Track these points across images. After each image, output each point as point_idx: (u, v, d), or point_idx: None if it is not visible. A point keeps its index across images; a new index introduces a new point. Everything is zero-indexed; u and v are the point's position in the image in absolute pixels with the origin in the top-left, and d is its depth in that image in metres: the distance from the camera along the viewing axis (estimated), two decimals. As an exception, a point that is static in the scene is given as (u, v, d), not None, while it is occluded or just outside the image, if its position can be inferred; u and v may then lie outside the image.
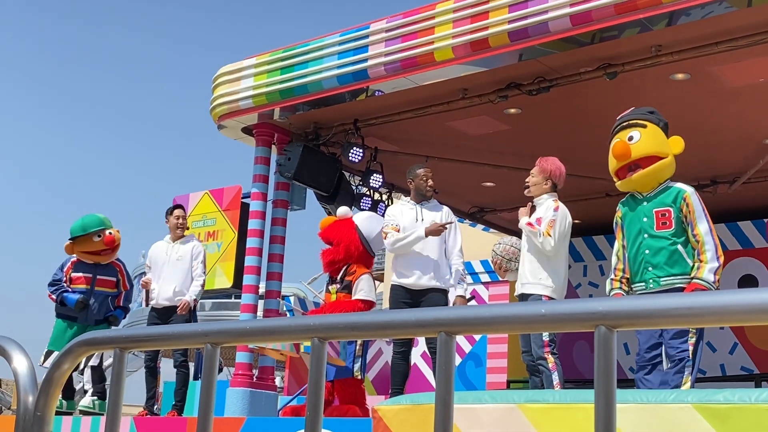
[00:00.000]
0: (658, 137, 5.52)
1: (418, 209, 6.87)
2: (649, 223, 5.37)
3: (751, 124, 7.98)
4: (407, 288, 6.65)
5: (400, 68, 7.47)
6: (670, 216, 5.29)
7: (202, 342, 1.58)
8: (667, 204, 5.35)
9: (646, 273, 5.35)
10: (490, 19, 6.88)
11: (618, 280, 5.55)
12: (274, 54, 8.42)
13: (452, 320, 1.31)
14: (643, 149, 5.45)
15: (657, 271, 5.29)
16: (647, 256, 5.34)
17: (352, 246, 6.74)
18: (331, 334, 1.46)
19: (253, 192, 8.94)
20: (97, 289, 7.93)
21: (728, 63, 6.79)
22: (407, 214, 6.83)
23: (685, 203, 5.29)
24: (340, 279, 6.73)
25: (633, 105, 7.76)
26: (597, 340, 1.19)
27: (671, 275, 5.24)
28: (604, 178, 9.66)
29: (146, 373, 7.80)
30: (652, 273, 5.31)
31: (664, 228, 5.32)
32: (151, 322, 7.82)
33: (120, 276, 8.09)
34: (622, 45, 6.67)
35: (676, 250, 5.25)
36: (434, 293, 6.59)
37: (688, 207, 5.27)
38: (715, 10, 6.05)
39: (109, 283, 7.99)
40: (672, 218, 5.27)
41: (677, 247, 5.25)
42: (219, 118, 8.84)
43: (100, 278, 8.00)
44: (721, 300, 1.13)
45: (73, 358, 1.79)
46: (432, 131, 8.66)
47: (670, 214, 5.30)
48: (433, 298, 6.55)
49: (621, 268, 5.57)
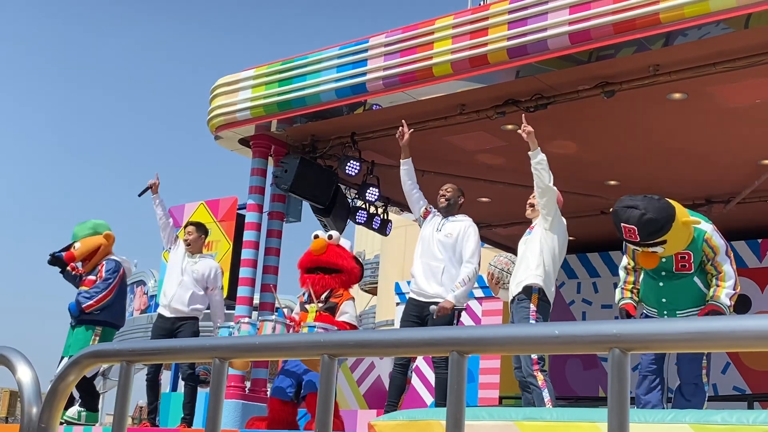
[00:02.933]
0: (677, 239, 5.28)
1: (439, 221, 6.87)
2: (668, 264, 5.30)
3: (747, 145, 8.03)
4: (414, 300, 6.64)
5: (398, 83, 7.49)
6: (690, 259, 5.24)
7: (209, 357, 1.58)
8: (687, 248, 5.28)
9: (662, 306, 5.38)
10: (489, 35, 6.91)
11: (629, 290, 5.55)
12: (272, 66, 8.43)
13: (464, 340, 1.31)
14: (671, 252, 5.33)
15: (673, 306, 5.33)
16: (664, 292, 5.36)
17: (353, 276, 6.82)
18: (341, 351, 1.46)
19: (248, 203, 8.94)
20: (81, 289, 7.89)
21: (725, 84, 6.83)
22: (430, 222, 6.86)
23: (709, 246, 5.24)
24: (325, 299, 6.64)
25: (630, 124, 7.83)
26: (611, 362, 1.20)
27: (688, 308, 5.30)
28: (599, 196, 9.72)
29: (147, 386, 7.73)
30: (667, 305, 5.35)
31: (684, 270, 5.29)
32: (156, 329, 7.70)
33: (99, 273, 7.96)
34: (620, 64, 6.71)
35: (694, 284, 5.29)
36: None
37: (712, 250, 5.24)
38: (712, 31, 6.09)
39: (90, 282, 7.92)
40: (692, 261, 5.23)
41: (694, 280, 5.29)
42: (216, 129, 8.84)
43: (86, 279, 7.97)
44: (734, 325, 1.14)
45: (79, 370, 1.79)
46: (429, 146, 8.67)
47: (690, 257, 5.24)
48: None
49: (632, 281, 5.57)
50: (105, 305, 7.85)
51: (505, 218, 10.98)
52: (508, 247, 12.12)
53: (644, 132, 7.97)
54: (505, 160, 8.92)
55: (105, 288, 7.85)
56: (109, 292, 7.87)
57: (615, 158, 8.68)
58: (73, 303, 7.73)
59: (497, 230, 11.43)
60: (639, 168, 8.89)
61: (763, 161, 8.38)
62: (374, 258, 21.40)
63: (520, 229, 11.26)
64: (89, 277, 7.94)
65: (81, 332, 7.81)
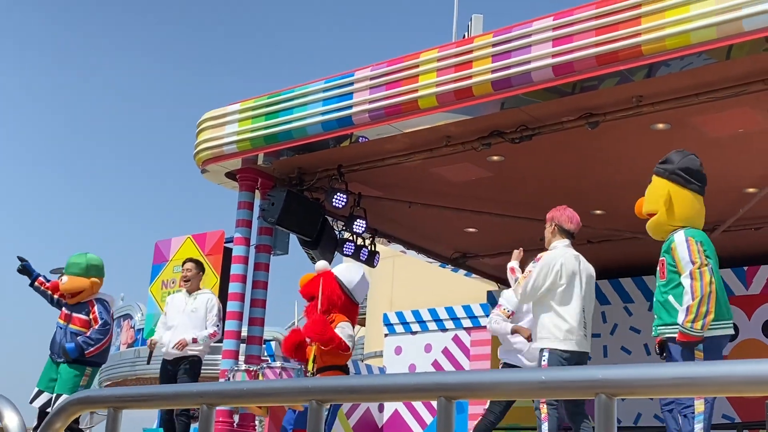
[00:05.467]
0: (655, 192, 5.50)
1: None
2: (657, 273, 5.41)
3: (732, 174, 8.09)
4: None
5: (384, 115, 7.53)
6: (664, 267, 5.30)
7: (198, 403, 1.57)
8: (663, 254, 5.36)
9: (654, 321, 5.40)
10: (473, 68, 6.97)
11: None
12: (258, 100, 8.46)
13: (452, 385, 1.32)
14: (644, 207, 5.50)
15: (657, 320, 5.34)
16: (654, 304, 5.40)
17: (334, 295, 6.73)
18: (329, 396, 1.46)
19: (236, 237, 8.93)
20: (72, 327, 7.94)
21: (708, 114, 6.90)
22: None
23: (671, 257, 5.28)
24: None
25: (614, 154, 7.89)
26: (597, 407, 1.21)
27: (664, 324, 5.27)
28: (585, 225, 9.74)
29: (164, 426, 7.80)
30: (655, 321, 5.37)
31: (662, 278, 5.35)
32: (164, 370, 7.89)
33: (91, 314, 8.04)
34: (604, 95, 6.77)
35: (667, 300, 5.25)
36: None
37: (676, 256, 5.25)
38: (694, 62, 6.16)
39: (82, 322, 8.00)
40: (665, 269, 5.27)
41: (668, 297, 5.26)
42: (203, 162, 8.85)
43: (75, 316, 8.01)
44: (719, 371, 1.14)
45: (66, 417, 1.78)
46: (416, 177, 8.71)
47: (664, 264, 5.30)
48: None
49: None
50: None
51: (492, 248, 11.00)
52: (496, 277, 12.15)
53: (629, 162, 8.03)
54: (491, 190, 8.96)
55: (105, 334, 7.99)
56: (108, 338, 8.03)
57: (600, 188, 8.73)
58: (73, 346, 7.75)
59: (484, 260, 11.45)
60: (625, 197, 8.91)
61: (747, 189, 8.45)
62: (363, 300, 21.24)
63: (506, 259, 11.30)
64: (79, 315, 7.99)
65: (71, 371, 7.83)
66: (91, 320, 7.97)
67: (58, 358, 7.85)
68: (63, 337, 7.87)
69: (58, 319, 8.08)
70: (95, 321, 7.96)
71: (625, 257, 10.70)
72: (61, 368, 7.81)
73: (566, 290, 5.89)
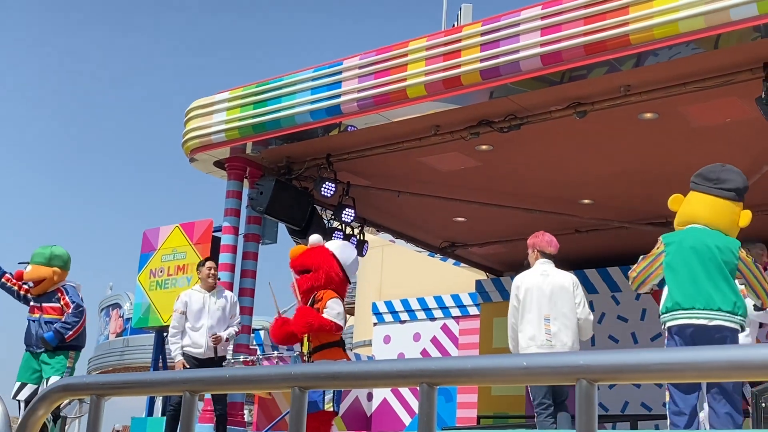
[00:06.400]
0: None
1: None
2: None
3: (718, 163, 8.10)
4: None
5: (372, 104, 7.52)
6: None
7: (180, 390, 1.57)
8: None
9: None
10: (462, 57, 6.96)
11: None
12: (247, 88, 8.43)
13: (434, 371, 1.32)
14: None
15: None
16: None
17: (332, 272, 6.59)
18: (312, 383, 1.46)
19: (224, 226, 8.91)
20: (46, 317, 7.98)
21: (695, 103, 6.91)
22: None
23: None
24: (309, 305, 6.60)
25: (602, 144, 7.90)
26: (578, 393, 1.21)
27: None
28: (573, 215, 9.79)
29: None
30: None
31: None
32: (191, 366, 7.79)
33: (62, 300, 8.11)
34: (592, 85, 6.78)
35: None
36: None
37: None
38: (682, 51, 6.17)
39: (54, 309, 8.06)
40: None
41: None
42: (191, 151, 8.82)
43: (45, 306, 8.05)
44: (700, 356, 1.15)
45: (48, 404, 1.77)
46: (404, 167, 8.70)
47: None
48: None
49: None
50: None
51: (480, 238, 11.03)
52: (485, 266, 12.18)
53: (617, 151, 8.04)
54: (479, 179, 8.97)
55: (80, 316, 8.02)
56: (84, 320, 8.05)
57: (588, 178, 8.75)
58: (51, 334, 7.79)
59: (473, 249, 11.47)
60: (612, 187, 8.97)
61: (734, 179, 8.47)
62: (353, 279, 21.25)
63: (495, 248, 11.36)
64: (50, 304, 8.05)
65: (55, 357, 7.86)
66: (63, 306, 8.04)
67: (38, 350, 7.87)
68: (38, 328, 7.92)
69: (29, 313, 8.11)
70: (67, 306, 8.04)
71: (612, 246, 10.74)
72: (44, 358, 7.85)
73: (525, 304, 6.47)
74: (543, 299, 6.42)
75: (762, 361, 1.07)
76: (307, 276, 6.58)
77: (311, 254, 6.66)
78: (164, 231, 10.09)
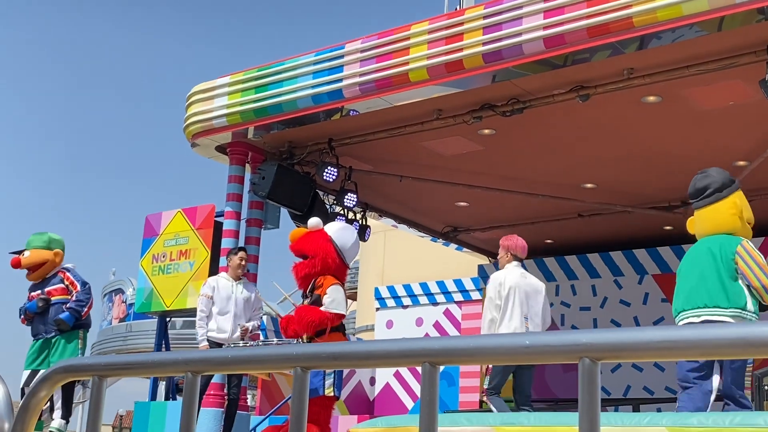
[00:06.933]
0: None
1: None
2: None
3: (722, 146, 8.09)
4: None
5: (374, 88, 7.49)
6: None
7: (182, 370, 1.56)
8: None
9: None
10: (464, 40, 6.93)
11: None
12: (248, 73, 8.41)
13: (436, 351, 1.31)
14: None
15: None
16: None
17: (329, 258, 6.58)
18: (313, 363, 1.46)
19: (226, 211, 8.90)
20: (53, 298, 7.98)
21: (698, 86, 6.88)
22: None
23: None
24: (309, 293, 6.61)
25: (605, 127, 7.88)
26: (581, 372, 1.20)
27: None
28: (576, 199, 9.77)
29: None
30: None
31: None
32: None
33: (66, 280, 8.13)
34: (595, 68, 6.74)
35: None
36: None
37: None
38: (685, 34, 6.13)
39: (61, 290, 8.06)
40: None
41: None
42: (193, 136, 8.81)
43: (49, 289, 8.04)
44: (705, 333, 1.14)
45: (50, 385, 1.77)
46: (406, 151, 8.68)
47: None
48: None
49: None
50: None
51: (483, 222, 11.01)
52: (487, 251, 12.16)
53: (620, 135, 8.02)
54: (482, 164, 8.95)
55: (89, 292, 8.09)
56: (91, 297, 8.12)
57: (591, 162, 8.73)
58: (67, 314, 7.84)
59: (476, 234, 11.46)
60: (616, 171, 8.94)
61: (737, 162, 8.45)
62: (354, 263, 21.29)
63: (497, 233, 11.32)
64: (53, 287, 8.05)
65: (70, 339, 7.95)
66: (69, 285, 8.05)
67: (49, 334, 7.87)
68: (59, 310, 7.90)
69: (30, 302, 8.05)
70: (73, 285, 8.07)
71: (615, 230, 10.73)
72: (57, 341, 7.87)
73: (508, 302, 6.95)
74: (523, 299, 7.01)
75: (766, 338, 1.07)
76: (304, 262, 6.60)
77: (309, 239, 6.66)
78: (166, 216, 10.08)
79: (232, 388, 7.89)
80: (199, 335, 7.77)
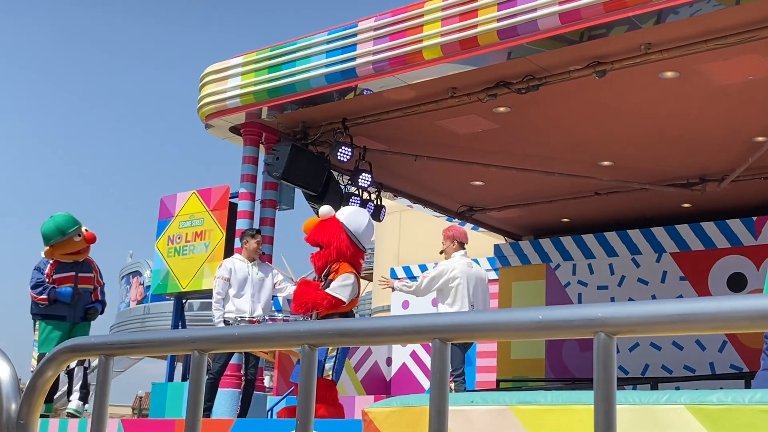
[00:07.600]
0: None
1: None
2: None
3: (740, 122, 7.99)
4: None
5: (388, 67, 7.43)
6: None
7: (189, 349, 1.54)
8: None
9: None
10: (479, 17, 6.85)
11: None
12: (261, 53, 8.36)
13: (447, 327, 1.27)
14: None
15: None
16: None
17: (343, 246, 6.61)
18: (321, 341, 1.43)
19: (241, 192, 8.89)
20: (80, 286, 8.05)
21: (717, 61, 6.78)
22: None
23: None
24: (324, 277, 6.64)
25: (622, 104, 7.79)
26: (596, 347, 1.16)
27: None
28: (593, 177, 9.68)
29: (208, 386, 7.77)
30: None
31: None
32: None
33: (94, 271, 8.25)
34: (612, 43, 6.65)
35: None
36: None
37: None
38: (703, 8, 6.03)
39: (89, 280, 8.16)
40: None
41: None
42: (206, 117, 8.78)
43: (81, 276, 8.11)
44: (723, 306, 1.10)
45: (57, 365, 1.75)
46: (421, 130, 8.62)
47: None
48: None
49: None
50: None
51: (499, 201, 10.95)
52: (503, 231, 12.11)
53: (637, 111, 7.92)
54: (497, 142, 8.88)
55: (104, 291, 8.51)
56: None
57: (608, 139, 8.64)
58: (99, 306, 8.13)
59: (491, 214, 11.40)
60: (632, 148, 8.85)
61: (756, 138, 8.34)
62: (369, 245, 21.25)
63: (513, 212, 11.29)
64: (84, 274, 8.18)
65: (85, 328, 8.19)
66: (94, 279, 8.16)
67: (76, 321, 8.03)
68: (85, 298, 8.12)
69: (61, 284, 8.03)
70: (99, 282, 8.20)
71: (633, 208, 10.64)
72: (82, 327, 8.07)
73: (457, 289, 7.79)
74: (470, 287, 7.82)
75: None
76: (320, 252, 6.63)
77: (322, 229, 6.68)
78: (181, 197, 10.09)
79: (249, 368, 7.90)
80: (215, 317, 7.77)
